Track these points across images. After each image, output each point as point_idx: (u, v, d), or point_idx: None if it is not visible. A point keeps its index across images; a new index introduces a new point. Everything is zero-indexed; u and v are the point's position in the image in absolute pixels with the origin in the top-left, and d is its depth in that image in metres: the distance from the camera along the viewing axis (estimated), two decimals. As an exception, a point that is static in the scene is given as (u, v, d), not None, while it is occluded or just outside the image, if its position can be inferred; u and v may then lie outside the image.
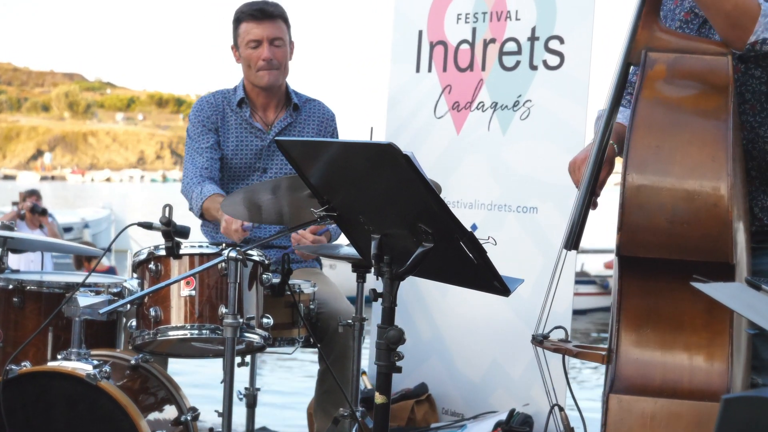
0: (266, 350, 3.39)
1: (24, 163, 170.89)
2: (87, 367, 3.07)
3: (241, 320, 3.00)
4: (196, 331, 3.12)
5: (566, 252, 2.68)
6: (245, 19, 4.02)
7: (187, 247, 3.16)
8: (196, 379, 6.66)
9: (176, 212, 3.08)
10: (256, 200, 3.38)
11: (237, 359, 3.31)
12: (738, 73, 2.67)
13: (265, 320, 3.22)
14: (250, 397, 4.05)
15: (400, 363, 2.43)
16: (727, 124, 2.36)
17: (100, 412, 3.06)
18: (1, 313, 3.53)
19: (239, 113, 4.09)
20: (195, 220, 4.00)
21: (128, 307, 3.28)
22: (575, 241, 2.61)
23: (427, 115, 4.49)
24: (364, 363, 4.50)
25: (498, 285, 2.35)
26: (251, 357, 3.89)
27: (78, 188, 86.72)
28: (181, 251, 3.14)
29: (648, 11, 2.54)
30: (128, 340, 3.29)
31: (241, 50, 4.06)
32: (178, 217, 3.10)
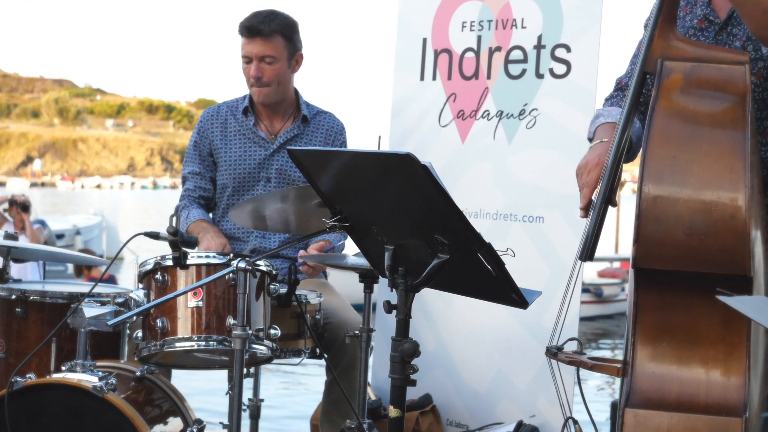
0: (273, 361, 3.36)
1: (14, 170, 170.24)
2: (93, 379, 3.04)
3: (249, 332, 2.96)
4: (204, 343, 3.08)
5: (581, 263, 2.65)
6: (240, 33, 4.00)
7: (194, 257, 3.13)
8: (198, 386, 6.62)
9: (165, 219, 3.05)
10: (264, 210, 3.35)
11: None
12: (760, 78, 2.64)
13: (272, 331, 3.18)
14: (253, 408, 4.03)
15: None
16: (744, 135, 2.33)
17: (106, 424, 3.03)
18: (3, 323, 3.50)
19: (244, 122, 4.07)
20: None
21: (134, 318, 3.24)
22: (590, 253, 2.58)
23: (431, 123, 4.46)
24: (369, 373, 4.46)
25: (516, 297, 2.33)
26: (255, 368, 3.86)
27: (68, 195, 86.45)
28: (188, 261, 3.11)
29: (664, 20, 2.51)
30: (134, 352, 3.25)
31: (242, 62, 4.05)
32: (165, 223, 3.07)
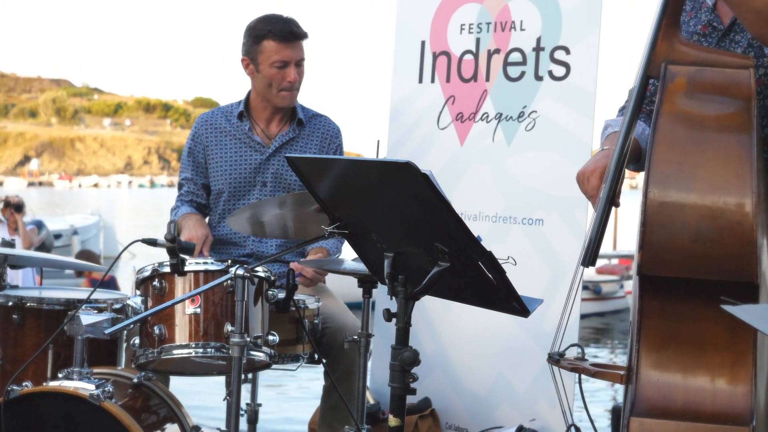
0: (271, 367, 3.33)
1: (11, 169, 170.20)
2: (89, 387, 3.02)
3: (248, 339, 2.92)
4: (201, 350, 3.05)
5: (583, 268, 2.62)
6: (271, 38, 3.87)
7: (192, 264, 3.09)
8: (195, 389, 6.58)
9: (163, 217, 3.03)
10: (262, 216, 3.32)
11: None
12: (761, 86, 2.61)
13: (270, 337, 3.14)
14: (251, 413, 3.99)
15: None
16: (750, 139, 2.29)
17: (103, 432, 2.99)
18: (0, 330, 3.46)
19: (239, 126, 4.02)
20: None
21: (131, 326, 3.21)
22: (593, 258, 2.55)
23: (429, 125, 4.43)
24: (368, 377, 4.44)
25: (517, 306, 2.29)
26: (253, 373, 3.83)
27: (66, 194, 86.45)
28: (186, 268, 3.07)
29: (668, 23, 2.47)
30: (131, 359, 3.22)
31: (262, 68, 3.92)
32: (162, 222, 3.06)
